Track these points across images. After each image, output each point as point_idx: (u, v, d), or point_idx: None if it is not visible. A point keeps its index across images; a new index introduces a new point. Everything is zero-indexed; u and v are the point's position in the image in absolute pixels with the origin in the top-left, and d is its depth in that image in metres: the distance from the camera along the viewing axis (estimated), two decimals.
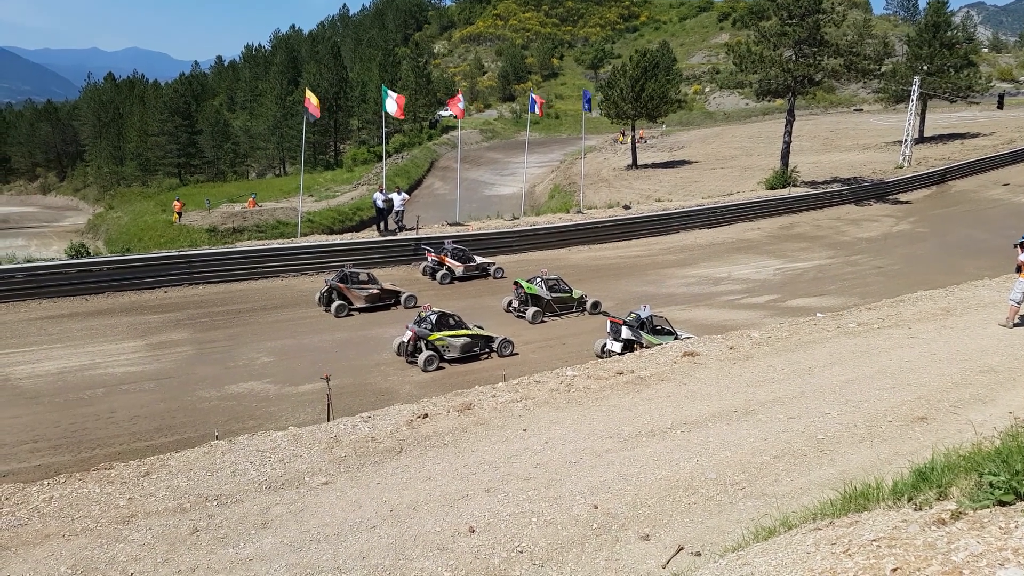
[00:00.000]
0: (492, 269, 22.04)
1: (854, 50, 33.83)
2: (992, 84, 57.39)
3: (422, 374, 14.18)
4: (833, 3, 33.83)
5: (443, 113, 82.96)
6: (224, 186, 63.77)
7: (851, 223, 30.50)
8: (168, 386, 13.62)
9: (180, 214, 44.25)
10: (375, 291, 18.53)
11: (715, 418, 9.33)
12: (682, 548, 6.22)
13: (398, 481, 7.95)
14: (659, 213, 29.26)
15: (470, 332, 15.09)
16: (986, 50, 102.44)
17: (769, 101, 42.85)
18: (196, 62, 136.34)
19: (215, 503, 7.55)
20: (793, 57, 33.62)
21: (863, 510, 4.68)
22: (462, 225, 26.11)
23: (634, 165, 50.55)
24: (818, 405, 9.64)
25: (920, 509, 4.23)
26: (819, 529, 4.49)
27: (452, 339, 14.72)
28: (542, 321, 17.79)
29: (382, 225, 24.92)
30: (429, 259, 21.92)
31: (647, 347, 13.79)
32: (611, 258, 25.01)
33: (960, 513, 3.86)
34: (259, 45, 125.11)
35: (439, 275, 21.33)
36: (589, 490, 7.49)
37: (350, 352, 15.59)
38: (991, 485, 4.01)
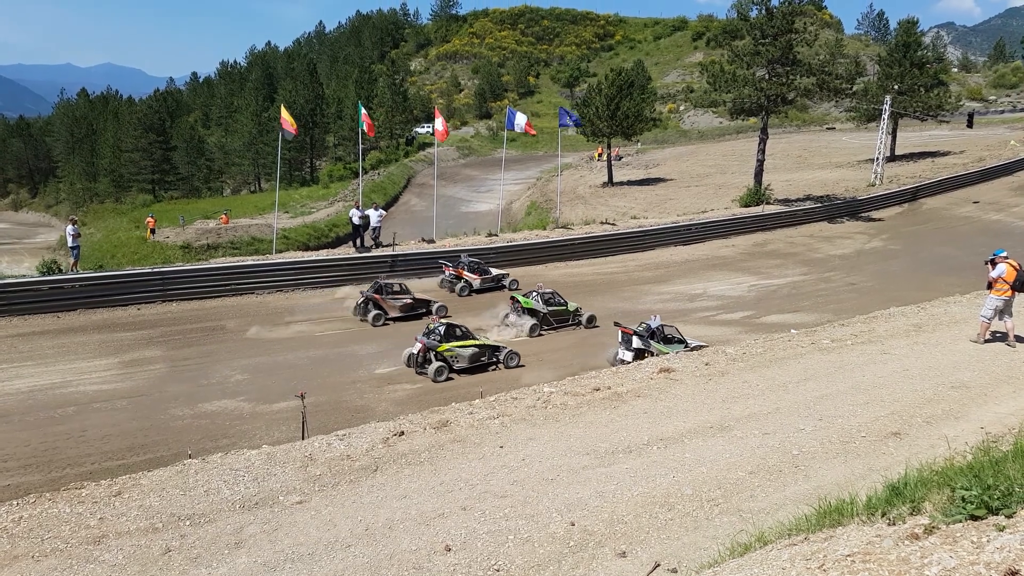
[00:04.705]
0: (507, 281, 22.65)
1: (826, 69, 34.49)
2: (962, 103, 58.84)
3: (398, 391, 14.09)
4: (805, 23, 34.58)
5: (419, 130, 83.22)
6: (198, 202, 63.31)
7: (824, 240, 30.95)
8: (141, 404, 13.41)
9: (153, 231, 43.79)
10: (408, 301, 19.21)
11: (691, 434, 9.35)
12: (659, 565, 6.21)
13: (373, 500, 7.85)
14: (635, 230, 29.47)
15: (477, 343, 15.43)
16: (956, 70, 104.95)
17: (743, 120, 43.45)
18: (171, 78, 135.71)
19: (188, 523, 7.42)
20: (766, 76, 34.18)
21: (837, 525, 4.70)
22: (435, 242, 26.10)
23: (610, 182, 50.95)
24: (793, 421, 9.70)
25: (894, 524, 4.26)
26: (794, 545, 4.51)
27: (460, 350, 15.02)
28: (539, 334, 18.05)
29: (358, 242, 24.84)
30: (447, 273, 22.59)
31: (657, 356, 14.14)
32: (588, 274, 25.11)
33: (933, 528, 3.90)
34: (234, 61, 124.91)
35: (458, 287, 22.04)
36: (566, 507, 7.46)
37: (325, 369, 15.45)
38: (963, 500, 4.06)
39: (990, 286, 13.17)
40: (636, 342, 14.83)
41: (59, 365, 15.35)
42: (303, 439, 9.99)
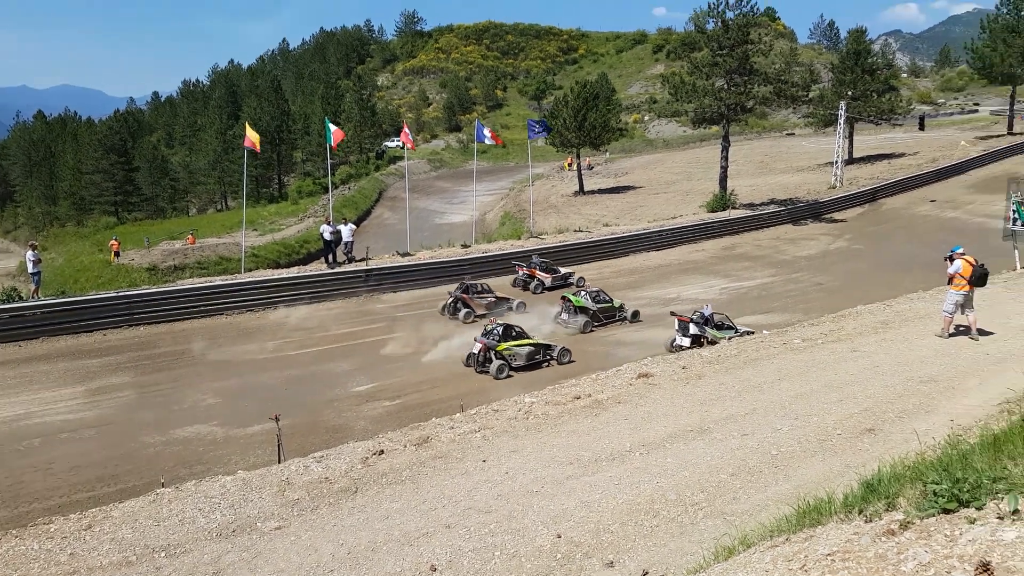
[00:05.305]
0: (575, 279, 24.24)
1: (782, 78, 35.20)
2: (913, 107, 60.51)
3: (376, 408, 13.99)
4: (760, 34, 35.21)
5: (389, 144, 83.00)
6: (163, 223, 62.31)
7: (790, 242, 31.44)
8: (109, 433, 13.11)
9: (118, 253, 42.95)
10: (492, 299, 20.59)
11: (672, 438, 9.42)
12: (647, 573, 6.23)
13: (355, 522, 7.77)
14: (608, 237, 29.70)
15: (532, 341, 16.24)
16: (905, 75, 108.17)
17: (705, 128, 44.07)
18: (131, 98, 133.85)
19: (163, 554, 7.27)
20: (725, 86, 34.76)
21: (817, 524, 4.76)
22: (411, 255, 26.04)
23: (581, 191, 51.24)
24: (770, 421, 9.81)
25: (870, 521, 4.33)
26: (776, 546, 4.56)
27: (518, 348, 15.76)
28: (591, 330, 18.74)
29: (330, 257, 24.68)
30: (520, 273, 24.27)
31: (712, 341, 15.27)
32: None
33: (908, 523, 3.96)
34: (197, 80, 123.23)
35: (532, 286, 23.66)
36: (551, 519, 7.45)
37: (300, 389, 15.26)
38: (935, 494, 4.13)
39: (950, 281, 13.52)
40: (693, 328, 15.72)
41: (22, 396, 14.95)
42: (279, 463, 9.85)
